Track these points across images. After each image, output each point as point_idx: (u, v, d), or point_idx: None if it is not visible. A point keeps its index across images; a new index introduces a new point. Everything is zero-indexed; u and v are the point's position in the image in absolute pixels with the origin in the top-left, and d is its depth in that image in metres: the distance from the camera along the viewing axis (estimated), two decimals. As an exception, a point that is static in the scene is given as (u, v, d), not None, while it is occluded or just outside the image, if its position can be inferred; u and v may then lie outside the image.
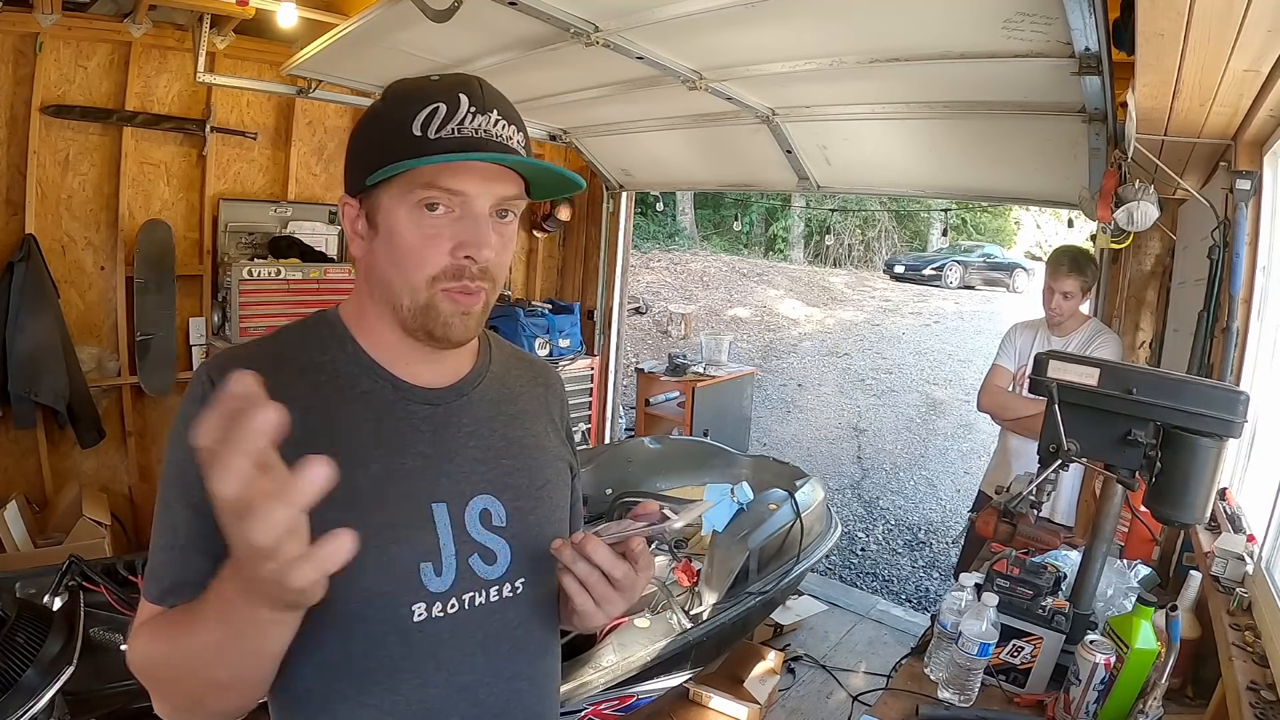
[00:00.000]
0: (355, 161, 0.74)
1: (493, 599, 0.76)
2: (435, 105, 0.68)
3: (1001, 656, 1.35)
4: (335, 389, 0.73)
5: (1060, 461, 1.30)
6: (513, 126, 0.72)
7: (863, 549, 4.73)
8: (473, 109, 0.69)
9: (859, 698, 2.65)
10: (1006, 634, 1.32)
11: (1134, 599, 1.23)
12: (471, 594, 0.74)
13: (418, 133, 0.68)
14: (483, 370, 0.83)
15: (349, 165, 0.75)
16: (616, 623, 2.31)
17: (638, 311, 9.66)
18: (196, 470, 0.62)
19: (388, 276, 0.72)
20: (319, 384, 0.73)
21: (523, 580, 0.78)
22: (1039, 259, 14.49)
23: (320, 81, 3.14)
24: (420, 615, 0.71)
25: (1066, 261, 2.44)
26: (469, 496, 0.76)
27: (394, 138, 0.69)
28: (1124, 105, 1.86)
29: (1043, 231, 17.07)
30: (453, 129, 0.68)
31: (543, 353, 4.12)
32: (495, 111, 0.70)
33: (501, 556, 0.77)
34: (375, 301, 0.75)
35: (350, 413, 0.73)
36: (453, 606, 0.73)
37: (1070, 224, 2.93)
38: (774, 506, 2.59)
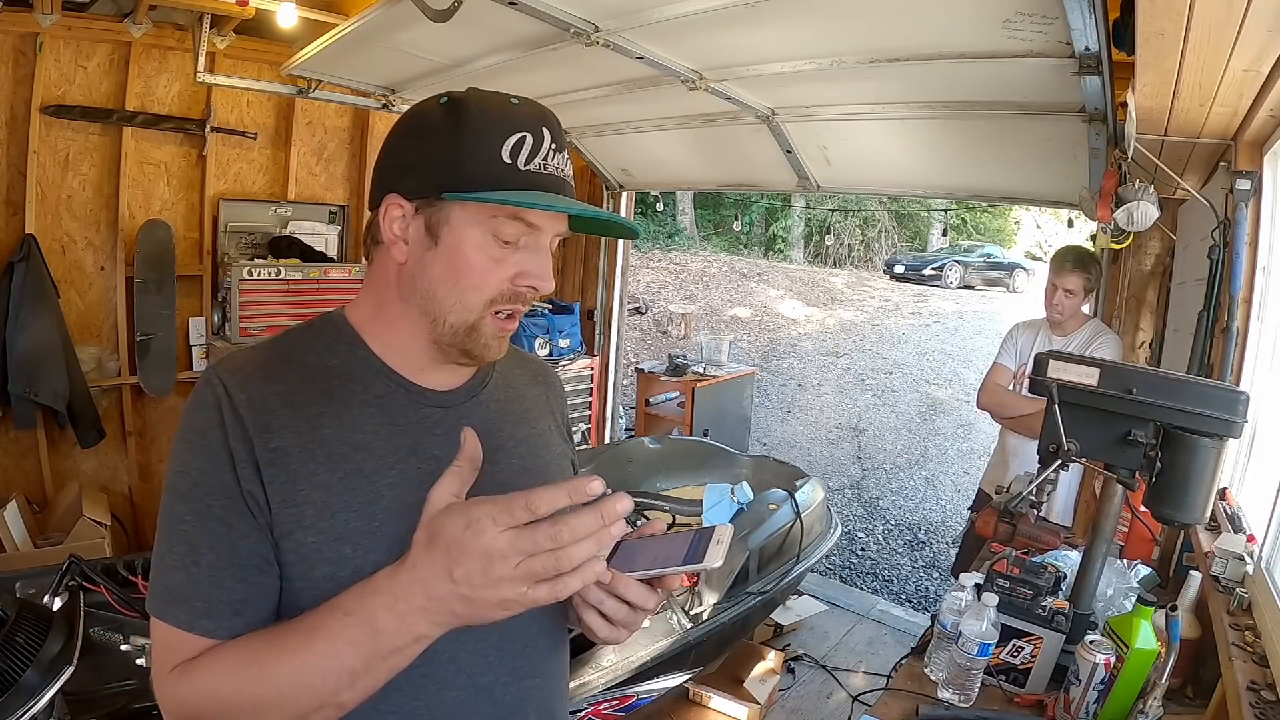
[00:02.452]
0: (426, 166, 0.70)
1: None
2: (523, 135, 0.69)
3: (1001, 656, 1.35)
4: (348, 393, 0.72)
5: (1060, 461, 1.30)
6: (570, 164, 0.75)
7: (863, 549, 4.73)
8: (553, 146, 0.71)
9: (859, 698, 2.64)
10: (1006, 634, 1.32)
11: (1134, 599, 1.23)
12: None
13: (508, 160, 0.68)
14: (488, 371, 0.84)
15: (412, 165, 0.71)
16: (616, 623, 2.31)
17: (638, 311, 9.66)
18: (215, 477, 0.65)
19: (438, 290, 0.71)
20: (331, 388, 0.72)
21: None
22: (1039, 259, 14.51)
23: (320, 81, 3.13)
24: None
25: (1070, 258, 2.47)
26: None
27: (484, 159, 0.68)
28: (1124, 105, 1.86)
29: (1043, 231, 17.08)
30: (539, 164, 0.70)
31: (543, 353, 4.12)
32: (565, 152, 0.73)
33: None
34: (406, 307, 0.74)
35: (365, 417, 0.72)
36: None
37: (1070, 224, 2.93)
38: (774, 506, 2.59)
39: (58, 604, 1.72)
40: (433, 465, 0.72)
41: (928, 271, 13.73)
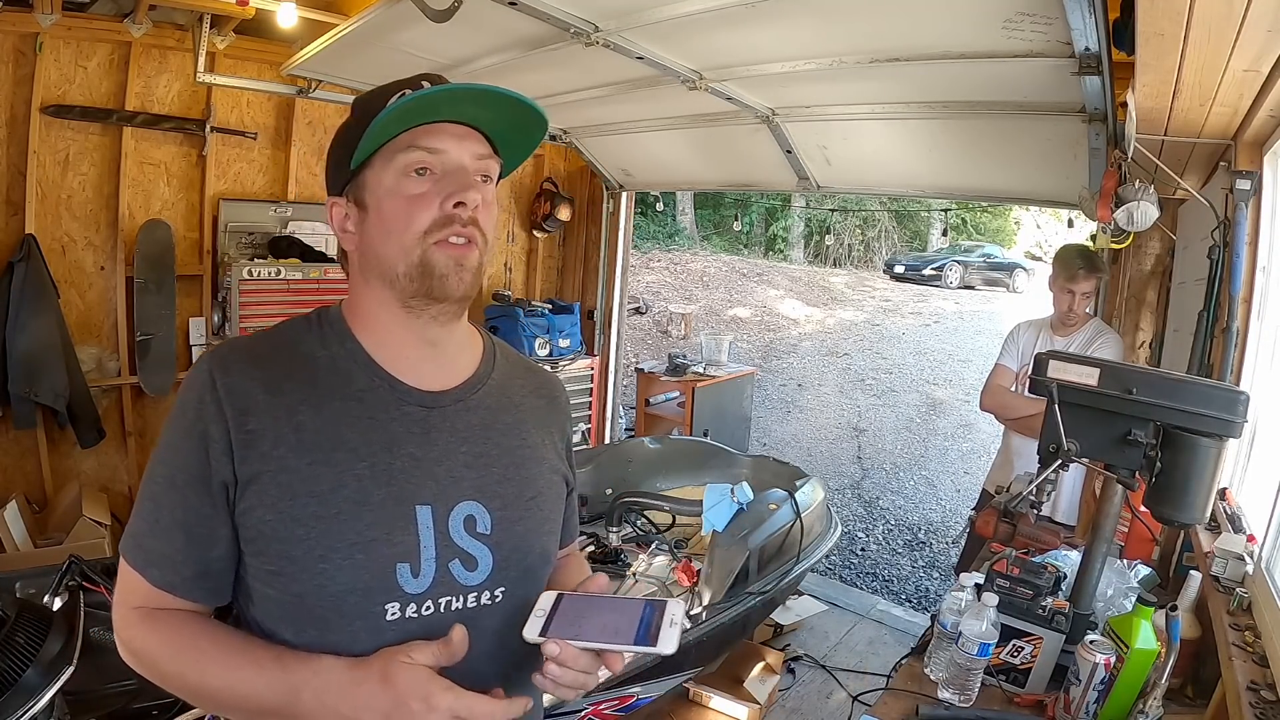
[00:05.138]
0: (336, 160, 0.78)
1: (470, 605, 0.76)
2: (401, 92, 0.73)
3: (1001, 656, 1.35)
4: (331, 384, 0.75)
5: (1060, 461, 1.30)
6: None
7: (863, 549, 4.73)
8: (434, 85, 0.73)
9: (859, 698, 2.64)
10: (1006, 634, 1.32)
11: (1134, 599, 1.23)
12: (448, 598, 0.75)
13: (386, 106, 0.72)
14: (484, 376, 0.84)
15: (330, 168, 0.79)
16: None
17: (638, 311, 9.66)
18: (186, 454, 0.70)
19: (382, 249, 0.75)
20: (316, 378, 0.75)
21: (503, 590, 0.78)
22: (1039, 259, 14.50)
23: (320, 81, 3.14)
24: (394, 614, 0.72)
25: (1082, 262, 2.41)
26: (455, 501, 0.76)
27: (367, 124, 0.72)
28: (1124, 105, 1.86)
29: (1043, 231, 17.06)
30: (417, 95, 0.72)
31: (543, 353, 4.12)
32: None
33: (483, 563, 0.77)
34: (371, 287, 0.77)
35: (343, 409, 0.74)
36: (428, 609, 0.73)
37: (1070, 224, 2.93)
38: (774, 506, 2.59)
39: (58, 604, 1.72)
40: (407, 463, 0.74)
41: (928, 271, 13.71)
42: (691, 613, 2.31)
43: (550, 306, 4.38)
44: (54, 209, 2.94)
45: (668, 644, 0.65)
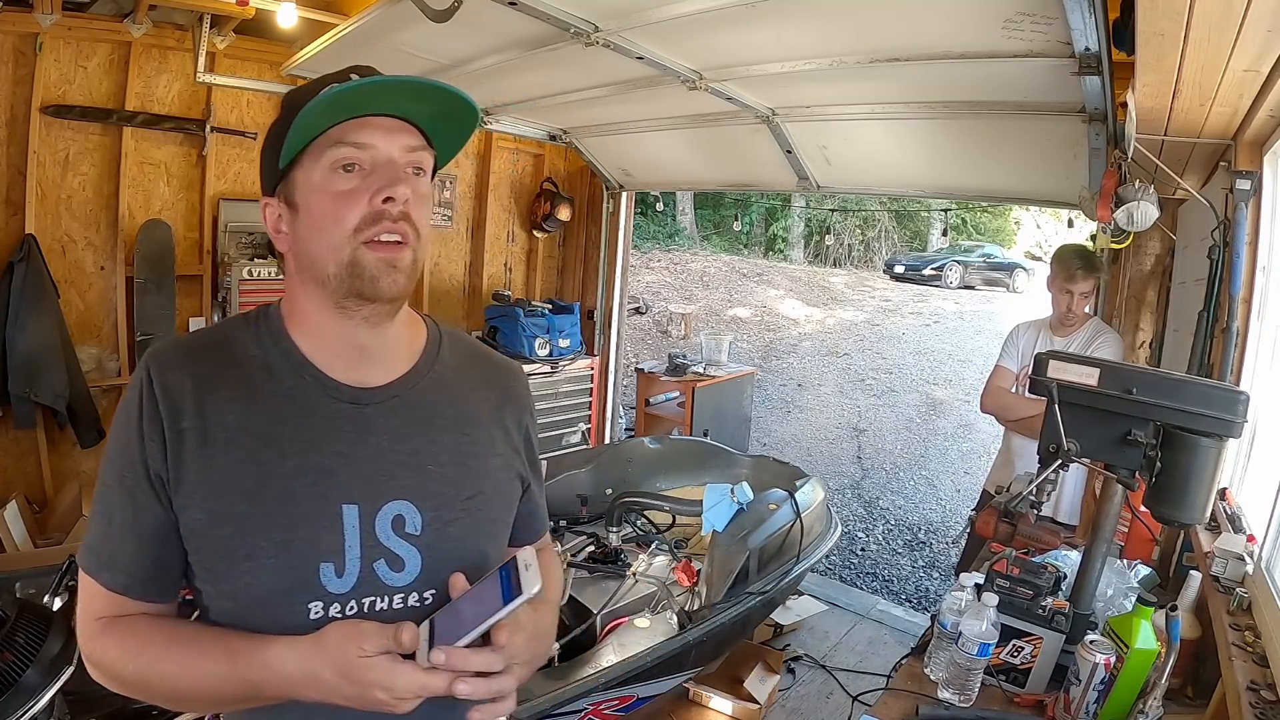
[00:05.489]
0: (266, 159, 0.76)
1: (396, 606, 0.75)
2: (329, 86, 0.71)
3: (1001, 656, 1.35)
4: (262, 383, 0.74)
5: (1060, 461, 1.30)
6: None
7: (863, 549, 4.73)
8: (361, 79, 0.71)
9: (859, 698, 2.64)
10: (1006, 634, 1.32)
11: (1134, 599, 1.23)
12: (373, 599, 0.74)
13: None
14: (424, 369, 0.82)
15: (262, 167, 0.77)
16: (617, 622, 2.31)
17: (638, 311, 9.66)
18: (130, 453, 0.72)
19: (312, 248, 0.73)
20: (248, 377, 0.74)
21: (434, 592, 0.76)
22: (1039, 259, 14.49)
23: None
24: (317, 614, 0.72)
25: (1080, 263, 2.41)
26: (383, 500, 0.75)
27: (298, 117, 0.70)
28: (1124, 105, 1.86)
29: (1043, 231, 17.06)
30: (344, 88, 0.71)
31: (543, 353, 4.12)
32: (379, 74, 0.73)
33: (410, 565, 0.75)
34: (306, 287, 0.76)
35: (273, 407, 0.74)
36: (351, 609, 0.73)
37: (1070, 224, 2.93)
38: (774, 506, 2.59)
39: (58, 604, 1.71)
40: (336, 462, 0.74)
41: (928, 271, 13.71)
42: (691, 613, 2.31)
43: (550, 306, 4.37)
44: (54, 209, 2.94)
45: (531, 585, 0.67)
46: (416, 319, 0.86)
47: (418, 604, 0.76)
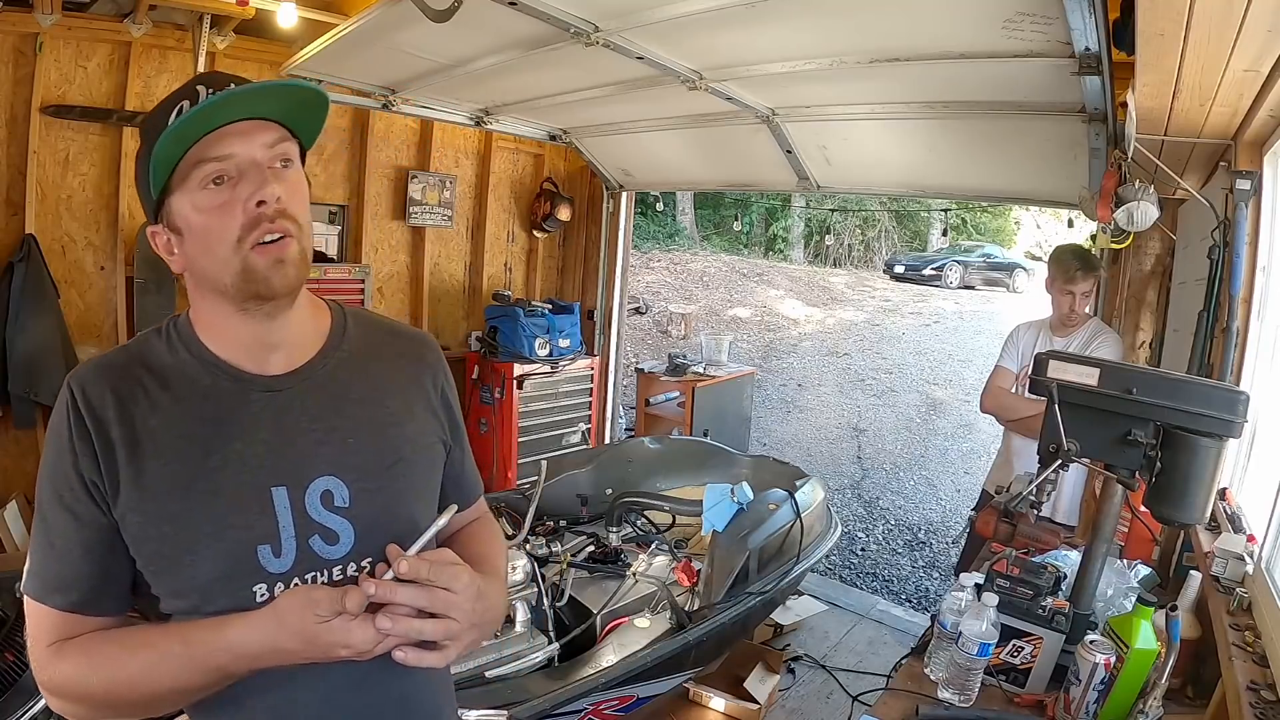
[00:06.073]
0: (141, 189, 0.78)
1: (336, 578, 0.78)
2: (180, 104, 0.73)
3: (1001, 656, 1.35)
4: (180, 388, 0.78)
5: (1060, 461, 1.30)
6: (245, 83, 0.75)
7: (863, 549, 4.73)
8: (210, 90, 0.73)
9: (859, 698, 2.64)
10: (1006, 634, 1.32)
11: (1134, 599, 1.23)
12: (313, 574, 0.77)
13: (170, 124, 0.72)
14: (331, 350, 0.85)
15: (141, 197, 0.79)
16: (617, 622, 2.31)
17: (638, 311, 9.66)
18: (64, 470, 0.75)
19: (204, 265, 0.76)
20: (166, 384, 0.77)
21: (370, 560, 0.79)
22: (1039, 259, 14.48)
23: (320, 82, 3.13)
24: (263, 595, 0.75)
25: (1079, 263, 2.42)
26: (310, 479, 0.78)
27: (159, 143, 0.72)
28: (1124, 105, 1.86)
29: (1043, 231, 17.06)
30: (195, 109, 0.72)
31: (543, 353, 4.12)
32: (233, 85, 0.73)
33: (345, 537, 0.79)
34: (208, 299, 0.79)
35: (193, 409, 0.77)
36: (295, 586, 0.75)
37: (1070, 224, 2.93)
38: (774, 506, 2.59)
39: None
40: (260, 449, 0.77)
41: (928, 271, 13.71)
42: (692, 613, 2.31)
43: (550, 306, 4.38)
44: (54, 209, 2.94)
45: (448, 513, 0.75)
46: (319, 304, 0.89)
47: (356, 573, 0.79)
